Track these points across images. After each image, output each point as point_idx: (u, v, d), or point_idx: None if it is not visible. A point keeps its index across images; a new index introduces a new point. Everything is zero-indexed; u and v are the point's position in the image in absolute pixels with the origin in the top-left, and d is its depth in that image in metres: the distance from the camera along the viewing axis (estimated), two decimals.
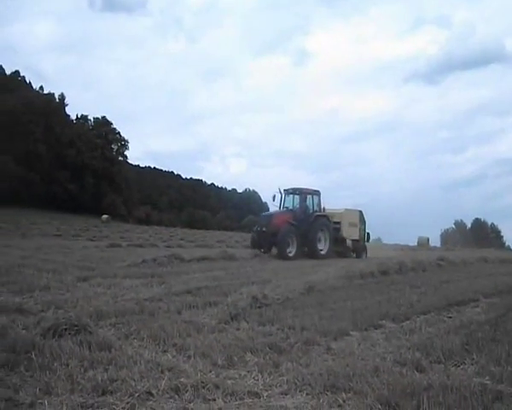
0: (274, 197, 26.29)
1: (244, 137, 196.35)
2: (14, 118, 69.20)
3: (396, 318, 8.07)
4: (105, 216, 63.99)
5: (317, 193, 26.42)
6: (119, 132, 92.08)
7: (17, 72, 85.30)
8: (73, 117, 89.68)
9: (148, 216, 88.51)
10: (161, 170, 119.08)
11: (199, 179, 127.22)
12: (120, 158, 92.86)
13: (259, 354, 5.69)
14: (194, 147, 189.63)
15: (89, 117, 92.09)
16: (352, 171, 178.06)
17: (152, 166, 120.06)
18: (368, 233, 29.57)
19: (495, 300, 10.39)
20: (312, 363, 5.41)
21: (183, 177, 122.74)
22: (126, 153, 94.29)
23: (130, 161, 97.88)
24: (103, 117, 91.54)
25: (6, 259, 15.53)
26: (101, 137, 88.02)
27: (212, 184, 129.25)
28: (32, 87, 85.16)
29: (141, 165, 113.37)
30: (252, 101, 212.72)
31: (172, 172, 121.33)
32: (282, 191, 26.49)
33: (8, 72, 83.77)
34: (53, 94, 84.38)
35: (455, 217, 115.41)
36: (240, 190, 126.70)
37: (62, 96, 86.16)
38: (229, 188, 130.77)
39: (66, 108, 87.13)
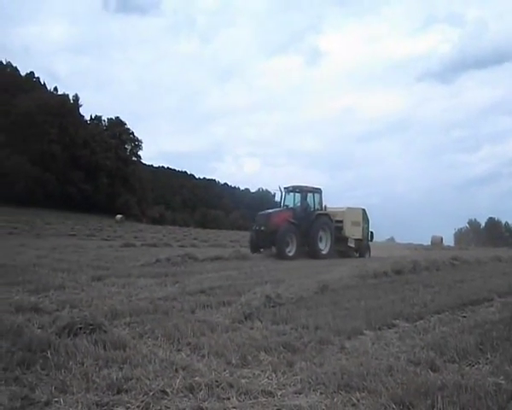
0: (275, 195, 26.23)
1: (257, 136, 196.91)
2: (29, 119, 69.86)
3: (410, 317, 8.02)
4: (119, 216, 64.38)
5: (318, 191, 25.86)
6: (132, 133, 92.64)
7: (32, 73, 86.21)
8: (87, 118, 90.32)
9: (161, 216, 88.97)
10: (175, 170, 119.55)
11: (212, 179, 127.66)
12: (134, 158, 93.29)
13: (273, 354, 5.69)
14: (207, 147, 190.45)
15: (102, 118, 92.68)
16: (365, 170, 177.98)
17: (165, 167, 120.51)
18: (371, 232, 29.05)
19: (509, 299, 10.28)
20: (326, 362, 5.40)
21: (197, 177, 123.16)
22: (140, 153, 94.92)
23: (143, 161, 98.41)
24: (117, 117, 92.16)
25: (21, 258, 15.68)
26: (115, 137, 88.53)
27: (226, 183, 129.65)
28: (46, 88, 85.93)
29: (154, 165, 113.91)
30: (264, 100, 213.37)
31: (186, 172, 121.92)
32: (283, 189, 25.96)
33: (23, 73, 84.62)
34: (67, 95, 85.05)
35: (468, 216, 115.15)
36: (253, 190, 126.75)
37: (76, 97, 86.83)
38: (242, 188, 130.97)
39: (81, 109, 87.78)
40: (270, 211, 25.26)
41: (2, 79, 75.79)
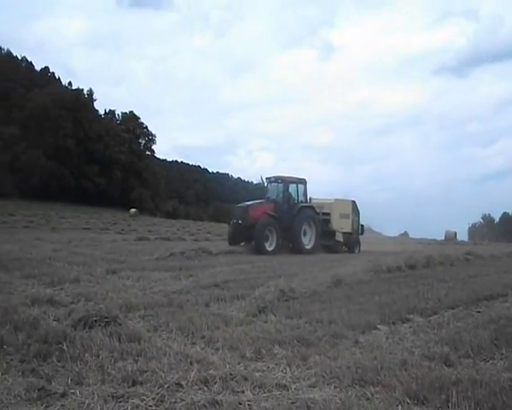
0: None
1: (271, 130, 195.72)
2: (43, 113, 70.24)
3: (424, 312, 8.00)
4: (133, 210, 64.52)
5: (302, 181, 24.11)
6: (146, 127, 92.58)
7: (47, 68, 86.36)
8: (101, 112, 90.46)
9: (175, 210, 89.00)
10: (188, 164, 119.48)
11: (225, 173, 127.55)
12: (148, 152, 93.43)
13: (287, 347, 5.71)
14: (220, 141, 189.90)
15: (116, 112, 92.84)
16: (380, 165, 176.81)
17: (179, 161, 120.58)
18: (362, 225, 27.48)
19: None
20: (340, 356, 5.41)
21: (210, 171, 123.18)
22: (154, 147, 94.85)
23: (157, 156, 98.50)
24: (131, 112, 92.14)
25: (37, 252, 15.82)
26: (129, 131, 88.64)
27: (239, 178, 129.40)
28: (61, 83, 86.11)
29: (168, 159, 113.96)
30: (279, 95, 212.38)
31: (199, 166, 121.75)
32: (265, 180, 24.74)
33: (37, 68, 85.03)
34: (81, 89, 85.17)
35: (483, 211, 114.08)
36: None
37: (91, 92, 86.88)
38: (255, 182, 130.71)
39: (95, 104, 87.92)
40: (248, 203, 23.65)
41: (17, 75, 76.35)
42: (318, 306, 8.18)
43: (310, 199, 24.65)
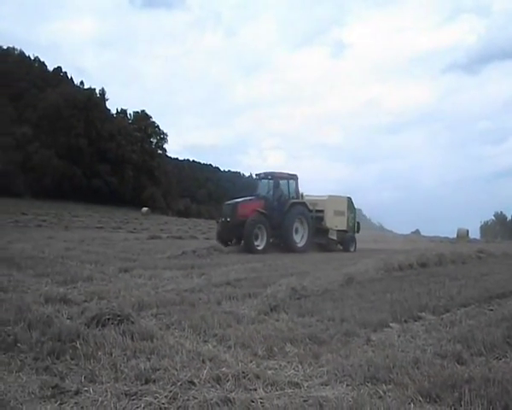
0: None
1: (282, 129, 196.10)
2: (56, 113, 70.78)
3: (436, 310, 7.96)
4: (145, 209, 64.77)
5: (293, 177, 23.32)
6: (158, 126, 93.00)
7: (59, 68, 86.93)
8: (113, 111, 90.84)
9: (186, 208, 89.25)
10: (200, 163, 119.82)
11: (237, 172, 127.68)
12: (159, 151, 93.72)
13: (299, 345, 5.71)
14: (232, 140, 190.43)
15: (128, 111, 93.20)
16: (390, 163, 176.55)
17: (190, 160, 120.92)
18: (358, 223, 26.59)
19: None
20: (352, 354, 5.40)
21: (222, 169, 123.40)
22: (165, 146, 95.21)
23: (169, 155, 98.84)
24: (143, 111, 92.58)
25: (50, 250, 15.91)
26: (141, 130, 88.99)
27: (250, 176, 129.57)
28: (73, 83, 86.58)
29: (179, 158, 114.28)
30: (289, 93, 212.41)
31: (211, 164, 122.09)
32: (254, 176, 23.79)
33: (50, 68, 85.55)
34: (94, 89, 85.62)
35: (495, 209, 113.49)
36: None
37: (103, 91, 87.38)
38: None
39: (107, 103, 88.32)
40: (237, 200, 22.64)
41: (30, 75, 76.89)
42: (330, 304, 8.17)
43: (302, 195, 23.75)
